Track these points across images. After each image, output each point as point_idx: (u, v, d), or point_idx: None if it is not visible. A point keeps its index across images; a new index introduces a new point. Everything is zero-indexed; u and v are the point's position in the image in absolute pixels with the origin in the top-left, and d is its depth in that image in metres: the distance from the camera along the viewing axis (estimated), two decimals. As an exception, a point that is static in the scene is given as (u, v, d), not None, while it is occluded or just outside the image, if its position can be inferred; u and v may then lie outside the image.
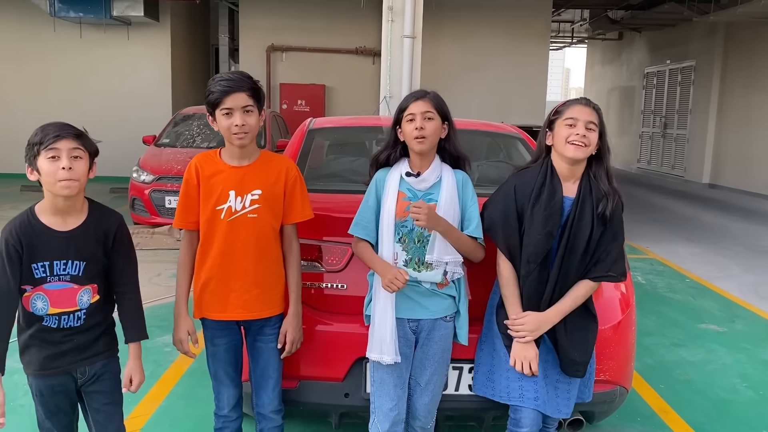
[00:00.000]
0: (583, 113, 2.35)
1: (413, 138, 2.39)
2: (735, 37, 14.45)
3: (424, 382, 2.46)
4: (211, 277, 2.45)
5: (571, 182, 2.41)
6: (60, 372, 2.19)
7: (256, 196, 2.41)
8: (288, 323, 2.50)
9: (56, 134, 2.04)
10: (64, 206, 2.12)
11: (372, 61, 13.48)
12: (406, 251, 2.41)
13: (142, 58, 13.46)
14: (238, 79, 2.35)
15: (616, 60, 21.07)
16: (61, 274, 2.11)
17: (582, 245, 2.34)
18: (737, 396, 3.93)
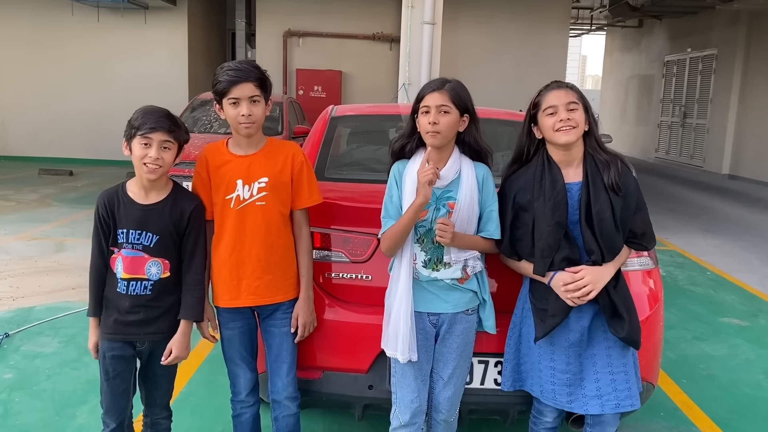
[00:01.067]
0: (559, 97, 2.31)
1: (426, 132, 2.31)
2: (758, 26, 14.18)
3: (447, 376, 2.43)
4: (223, 265, 2.47)
5: (573, 167, 2.36)
6: (123, 339, 2.37)
7: (263, 184, 2.43)
8: (299, 307, 2.52)
9: (153, 126, 2.24)
10: (148, 183, 2.33)
11: (389, 47, 13.38)
12: (425, 251, 2.36)
13: (158, 42, 13.47)
14: (246, 69, 2.36)
15: (636, 48, 20.79)
16: (134, 243, 2.32)
17: (610, 224, 2.28)
18: (762, 393, 3.88)
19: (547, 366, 2.39)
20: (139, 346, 2.41)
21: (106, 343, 2.37)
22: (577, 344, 2.36)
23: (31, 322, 4.56)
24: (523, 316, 2.47)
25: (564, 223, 2.30)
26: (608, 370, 2.34)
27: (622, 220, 2.31)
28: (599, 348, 2.36)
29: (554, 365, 2.38)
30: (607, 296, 2.32)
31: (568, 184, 2.34)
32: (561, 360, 2.37)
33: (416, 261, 2.35)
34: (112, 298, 2.35)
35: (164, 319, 2.40)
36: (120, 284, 2.33)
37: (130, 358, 2.41)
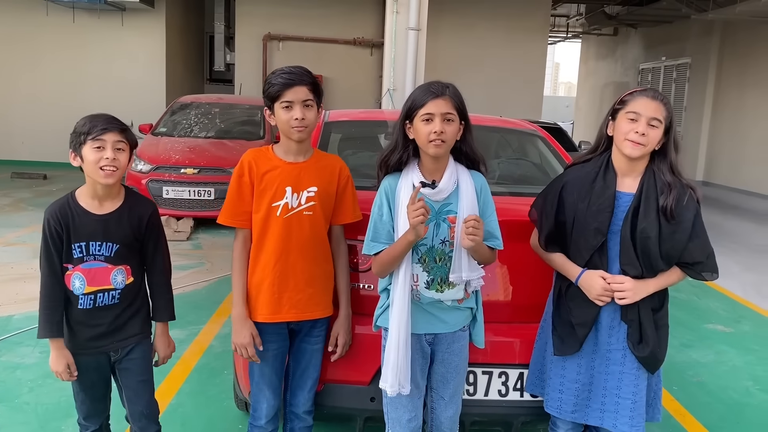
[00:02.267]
0: (647, 108, 2.19)
1: (429, 141, 2.14)
2: (731, 35, 14.47)
3: (448, 396, 2.37)
4: (265, 276, 2.37)
5: (631, 177, 2.28)
6: (96, 353, 2.33)
7: (312, 193, 2.37)
8: (340, 326, 2.46)
9: (104, 127, 2.19)
10: (103, 192, 2.27)
11: (370, 52, 13.37)
12: (427, 272, 2.23)
13: (136, 44, 13.28)
14: (300, 73, 2.32)
15: (611, 56, 21.06)
16: (96, 254, 2.26)
17: (653, 245, 2.21)
18: (751, 399, 3.92)
19: (558, 374, 2.37)
20: (113, 355, 2.36)
21: (82, 358, 2.30)
22: (590, 354, 2.32)
23: (10, 331, 4.43)
24: (549, 322, 2.43)
25: (604, 231, 2.26)
26: (615, 393, 2.30)
27: (667, 246, 2.23)
28: (613, 369, 2.31)
29: (564, 373, 2.35)
30: (637, 314, 2.27)
31: (620, 193, 2.28)
32: (572, 369, 2.34)
33: (417, 282, 2.25)
34: (74, 316, 2.27)
35: (133, 322, 2.37)
36: (83, 300, 2.25)
37: (103, 365, 2.38)
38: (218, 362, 4.05)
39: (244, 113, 9.40)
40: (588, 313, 2.30)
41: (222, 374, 3.87)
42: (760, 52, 13.52)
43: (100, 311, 2.28)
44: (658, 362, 2.30)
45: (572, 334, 2.32)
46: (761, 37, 13.33)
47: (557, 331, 2.36)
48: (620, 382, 2.30)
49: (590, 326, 2.30)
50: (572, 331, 2.32)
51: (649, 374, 2.32)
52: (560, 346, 2.34)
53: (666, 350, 2.34)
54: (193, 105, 9.30)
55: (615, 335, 2.31)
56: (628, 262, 2.24)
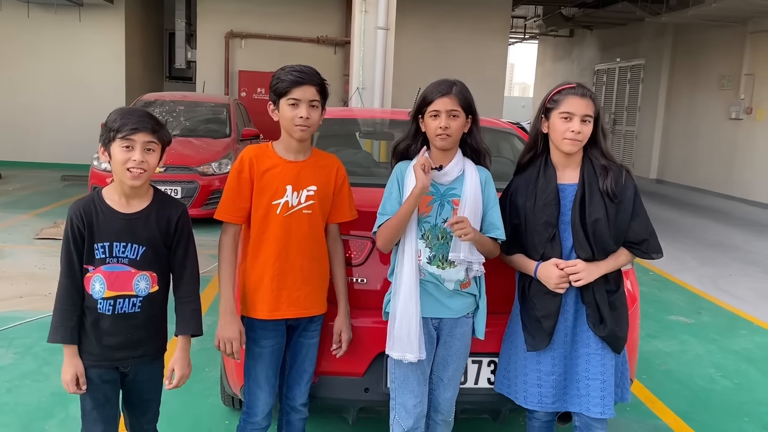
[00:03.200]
0: (579, 107, 2.33)
1: (436, 135, 2.35)
2: (683, 37, 14.97)
3: (447, 378, 2.47)
4: (264, 274, 2.39)
5: (570, 168, 2.43)
6: (111, 365, 2.19)
7: (311, 192, 2.40)
8: (342, 323, 2.51)
9: (135, 127, 2.06)
10: (130, 191, 2.15)
11: (333, 50, 13.39)
12: (429, 248, 2.38)
13: (94, 41, 12.99)
14: (310, 72, 2.35)
15: (567, 57, 21.52)
16: (119, 256, 2.12)
17: (603, 227, 2.34)
18: (715, 385, 4.10)
19: (534, 369, 2.44)
20: (122, 369, 2.22)
21: (96, 370, 2.17)
22: (562, 345, 2.43)
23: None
24: (515, 321, 2.52)
25: (553, 223, 2.38)
26: (585, 375, 2.41)
27: (615, 226, 2.38)
28: (581, 352, 2.42)
29: (540, 367, 2.43)
30: (593, 297, 2.39)
31: (563, 185, 2.41)
32: (547, 362, 2.43)
33: (420, 257, 2.37)
34: (92, 321, 2.13)
35: (154, 340, 2.25)
36: (102, 305, 2.12)
37: (116, 380, 2.23)
38: (199, 360, 3.98)
39: (209, 111, 9.33)
40: (551, 305, 2.40)
41: (203, 371, 3.87)
42: (710, 53, 14.02)
43: (118, 319, 2.13)
44: (619, 340, 2.41)
45: (540, 327, 2.41)
46: (711, 38, 13.82)
47: (527, 328, 2.45)
48: (588, 364, 2.40)
49: (555, 317, 2.40)
50: (539, 325, 2.41)
51: (615, 355, 2.43)
52: (532, 341, 2.42)
53: (627, 329, 2.45)
54: (157, 103, 9.19)
55: (579, 318, 2.42)
56: (580, 248, 2.36)
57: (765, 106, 12.35)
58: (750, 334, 5.16)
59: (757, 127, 12.55)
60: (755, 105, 12.60)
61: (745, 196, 12.59)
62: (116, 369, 2.21)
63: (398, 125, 4.21)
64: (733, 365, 4.46)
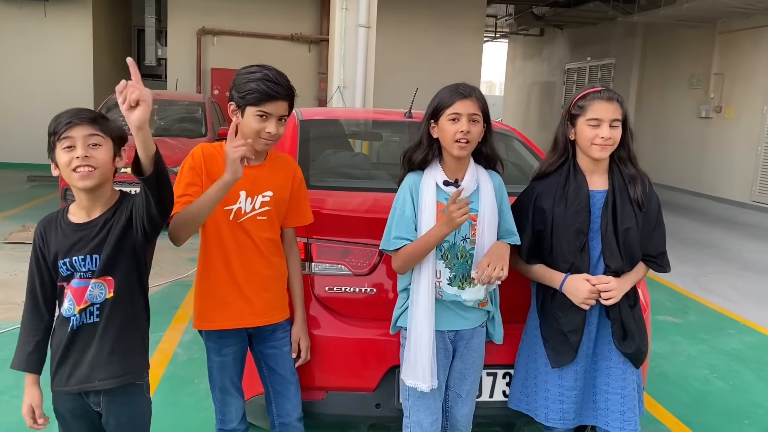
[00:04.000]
0: (606, 112, 2.23)
1: (454, 141, 2.19)
2: (653, 37, 15.14)
3: (464, 392, 2.37)
4: (219, 282, 2.28)
5: (598, 175, 2.34)
6: (73, 392, 1.94)
7: (267, 198, 2.28)
8: (300, 330, 2.42)
9: (68, 121, 1.83)
10: (88, 201, 1.91)
11: (308, 48, 13.22)
12: (449, 268, 2.24)
13: (60, 37, 12.62)
14: (285, 86, 2.21)
15: (537, 56, 21.65)
16: (81, 270, 1.91)
17: (634, 236, 2.28)
18: (711, 387, 4.09)
19: (556, 384, 2.35)
20: (94, 406, 1.96)
21: (64, 400, 1.95)
22: (584, 358, 2.35)
23: (-48, 345, 4.10)
24: (534, 335, 2.43)
25: (585, 231, 2.29)
26: (604, 389, 2.34)
27: (642, 236, 2.32)
28: (601, 365, 2.36)
29: (563, 383, 2.35)
30: (619, 313, 2.31)
31: (592, 192, 2.32)
32: (569, 377, 2.34)
33: (440, 278, 2.25)
34: (65, 344, 1.92)
35: (119, 355, 1.94)
36: (74, 321, 1.91)
37: (89, 413, 1.98)
38: (186, 371, 3.89)
39: (183, 110, 9.10)
40: (576, 319, 2.31)
41: (193, 383, 3.72)
42: (680, 52, 14.21)
43: (82, 331, 1.92)
44: (642, 355, 2.36)
45: (565, 342, 2.32)
46: (681, 38, 14.00)
47: (549, 343, 2.35)
48: (608, 378, 2.34)
49: (581, 331, 2.31)
50: (565, 340, 2.32)
51: (635, 369, 2.37)
52: (556, 357, 2.33)
53: (648, 344, 2.40)
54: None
55: (601, 331, 2.35)
56: (611, 257, 2.28)
57: (734, 104, 12.56)
58: (738, 333, 5.19)
59: (726, 126, 12.75)
60: (725, 104, 12.79)
61: (715, 193, 12.79)
62: (90, 406, 1.97)
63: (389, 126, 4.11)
64: (726, 366, 4.46)
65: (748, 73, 12.10)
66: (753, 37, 12.00)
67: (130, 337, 1.98)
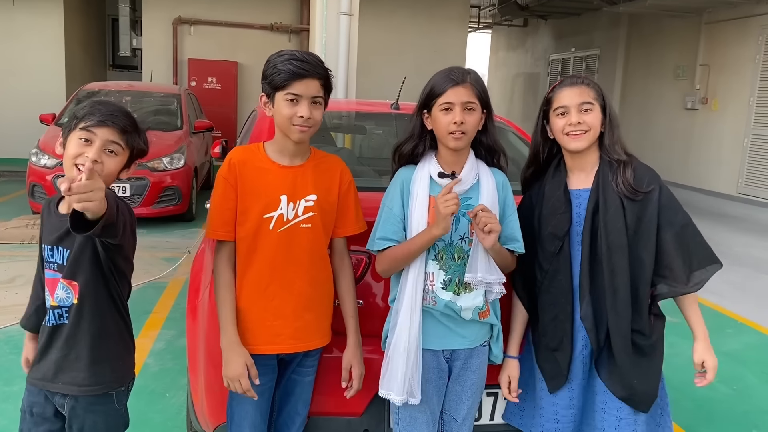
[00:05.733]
0: (572, 97, 2.03)
1: (448, 133, 1.96)
2: (637, 27, 15.00)
3: (461, 417, 2.12)
4: (256, 300, 2.01)
5: (586, 172, 2.10)
6: (37, 386, 1.88)
7: (310, 203, 2.01)
8: (353, 355, 2.10)
9: (101, 119, 1.76)
10: None
11: (288, 38, 12.87)
12: (444, 270, 2.00)
13: (29, 26, 12.18)
14: (314, 63, 1.94)
15: (521, 47, 21.46)
16: (49, 261, 1.85)
17: (621, 238, 1.99)
18: (714, 393, 3.90)
19: (550, 403, 2.13)
20: (58, 407, 1.86)
21: (30, 392, 1.90)
22: (580, 376, 2.11)
23: None
24: (528, 349, 2.21)
25: (560, 234, 2.04)
26: (602, 408, 2.09)
27: (638, 233, 2.02)
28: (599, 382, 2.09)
29: (557, 401, 2.12)
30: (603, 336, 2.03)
31: (577, 191, 2.09)
32: (564, 395, 2.11)
33: (433, 282, 2.00)
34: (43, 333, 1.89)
35: (82, 367, 1.84)
36: (49, 314, 1.87)
37: (50, 418, 1.87)
38: (157, 383, 3.61)
39: (158, 102, 8.77)
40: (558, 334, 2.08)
41: (164, 397, 3.44)
42: (665, 43, 14.08)
43: (53, 331, 1.85)
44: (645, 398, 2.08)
45: (555, 363, 2.09)
46: (666, 29, 13.87)
47: (540, 363, 2.13)
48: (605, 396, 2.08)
49: (569, 351, 2.07)
50: (554, 359, 2.10)
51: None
52: (549, 381, 2.11)
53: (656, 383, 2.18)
54: (101, 93, 8.58)
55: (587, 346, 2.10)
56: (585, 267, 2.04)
57: (720, 96, 12.44)
58: (737, 333, 5.02)
59: (712, 117, 12.64)
60: (710, 95, 12.68)
61: (701, 186, 12.69)
62: (52, 406, 1.87)
63: (374, 118, 3.85)
64: (728, 369, 4.26)
65: (735, 64, 11.98)
66: (739, 28, 11.88)
67: (101, 347, 1.87)
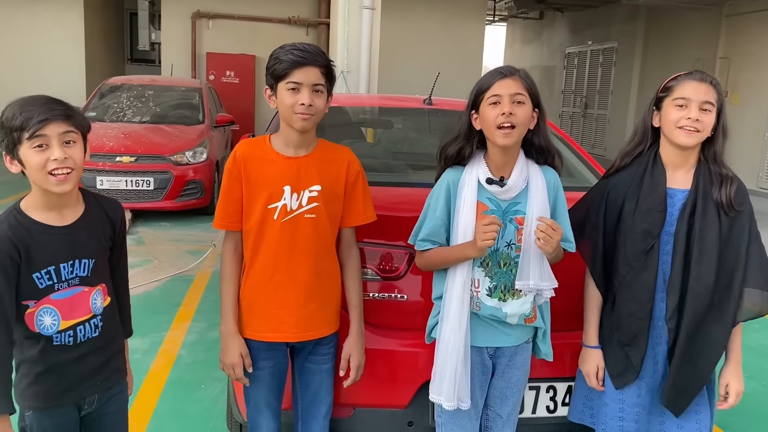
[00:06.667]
0: (697, 92, 1.97)
1: (496, 127, 1.92)
2: (655, 19, 14.88)
3: (506, 414, 2.14)
4: (261, 289, 2.07)
5: (683, 171, 2.07)
6: (72, 403, 1.83)
7: (314, 193, 2.05)
8: (352, 345, 2.14)
9: (43, 117, 1.63)
10: (59, 201, 1.74)
11: (305, 32, 12.88)
12: (489, 277, 2.01)
13: (49, 20, 12.26)
14: (313, 52, 2.00)
15: (537, 39, 21.33)
16: (69, 279, 1.76)
17: (714, 245, 1.99)
18: (748, 389, 3.88)
19: (615, 399, 2.13)
20: (86, 408, 1.86)
21: (48, 416, 1.79)
22: (651, 375, 2.11)
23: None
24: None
25: (655, 233, 2.02)
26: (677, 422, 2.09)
27: (728, 245, 2.01)
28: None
29: (624, 397, 2.12)
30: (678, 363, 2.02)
31: (672, 190, 2.06)
32: (631, 392, 2.11)
33: (478, 288, 2.01)
34: (47, 361, 1.76)
35: (118, 357, 1.93)
36: (59, 338, 1.75)
37: (75, 422, 1.86)
38: (192, 375, 3.66)
39: (180, 96, 8.81)
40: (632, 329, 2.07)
41: (200, 389, 3.49)
42: (684, 36, 13.96)
43: (83, 347, 1.79)
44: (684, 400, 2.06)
45: (626, 359, 2.09)
46: (685, 22, 13.75)
47: (609, 358, 2.13)
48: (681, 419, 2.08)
49: (644, 348, 2.06)
50: (625, 356, 2.09)
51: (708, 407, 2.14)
52: (617, 377, 2.11)
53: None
54: (124, 87, 8.63)
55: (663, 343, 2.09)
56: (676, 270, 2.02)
57: (741, 90, 12.33)
58: (763, 328, 4.99)
59: (733, 112, 12.53)
60: (731, 89, 12.56)
61: (720, 180, 12.59)
62: (78, 410, 1.86)
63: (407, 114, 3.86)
64: (756, 364, 4.27)
65: (756, 58, 11.86)
66: (761, 20, 11.75)
67: (117, 337, 1.94)
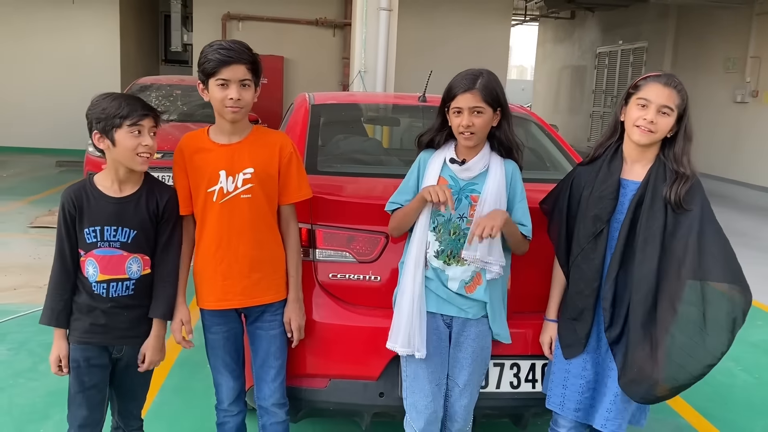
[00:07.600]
0: (659, 95, 2.10)
1: (459, 133, 2.23)
2: (686, 19, 14.73)
3: (462, 383, 2.32)
4: (207, 263, 2.32)
5: (640, 165, 2.21)
6: (101, 343, 2.20)
7: (248, 175, 2.27)
8: (291, 310, 2.37)
9: (144, 112, 2.10)
10: (125, 176, 2.18)
11: (332, 33, 13.11)
12: (438, 241, 2.26)
13: (87, 23, 12.73)
14: (239, 50, 2.19)
15: (568, 39, 21.23)
16: (110, 240, 2.15)
17: (657, 235, 2.11)
18: (735, 380, 3.97)
19: (562, 369, 2.30)
20: (115, 354, 2.24)
21: (81, 349, 2.19)
22: (595, 350, 2.26)
23: (-28, 327, 4.17)
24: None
25: (604, 218, 2.18)
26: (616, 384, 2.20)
27: (674, 237, 2.11)
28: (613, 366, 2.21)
29: (569, 368, 2.28)
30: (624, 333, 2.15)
31: (626, 181, 2.21)
32: (577, 364, 2.27)
33: (428, 249, 2.26)
34: (84, 302, 2.17)
35: (146, 323, 2.25)
36: (96, 287, 2.16)
37: (106, 365, 2.24)
38: (200, 356, 3.82)
39: (206, 95, 9.11)
40: (578, 305, 2.23)
41: (205, 368, 3.65)
42: (715, 35, 13.79)
43: (113, 301, 2.17)
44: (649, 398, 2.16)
45: (573, 332, 2.26)
46: (715, 20, 13.59)
47: (560, 331, 2.31)
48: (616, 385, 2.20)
49: (589, 323, 2.22)
50: (573, 329, 2.26)
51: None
52: (565, 348, 2.28)
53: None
54: (154, 87, 8.97)
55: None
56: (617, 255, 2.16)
57: (771, 89, 12.15)
58: (766, 325, 5.03)
59: (763, 111, 12.36)
60: (761, 88, 12.38)
61: (748, 180, 12.42)
62: (108, 354, 2.23)
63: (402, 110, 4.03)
64: (752, 359, 4.32)
65: (786, 56, 11.69)
66: (792, 19, 11.57)
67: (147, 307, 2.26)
